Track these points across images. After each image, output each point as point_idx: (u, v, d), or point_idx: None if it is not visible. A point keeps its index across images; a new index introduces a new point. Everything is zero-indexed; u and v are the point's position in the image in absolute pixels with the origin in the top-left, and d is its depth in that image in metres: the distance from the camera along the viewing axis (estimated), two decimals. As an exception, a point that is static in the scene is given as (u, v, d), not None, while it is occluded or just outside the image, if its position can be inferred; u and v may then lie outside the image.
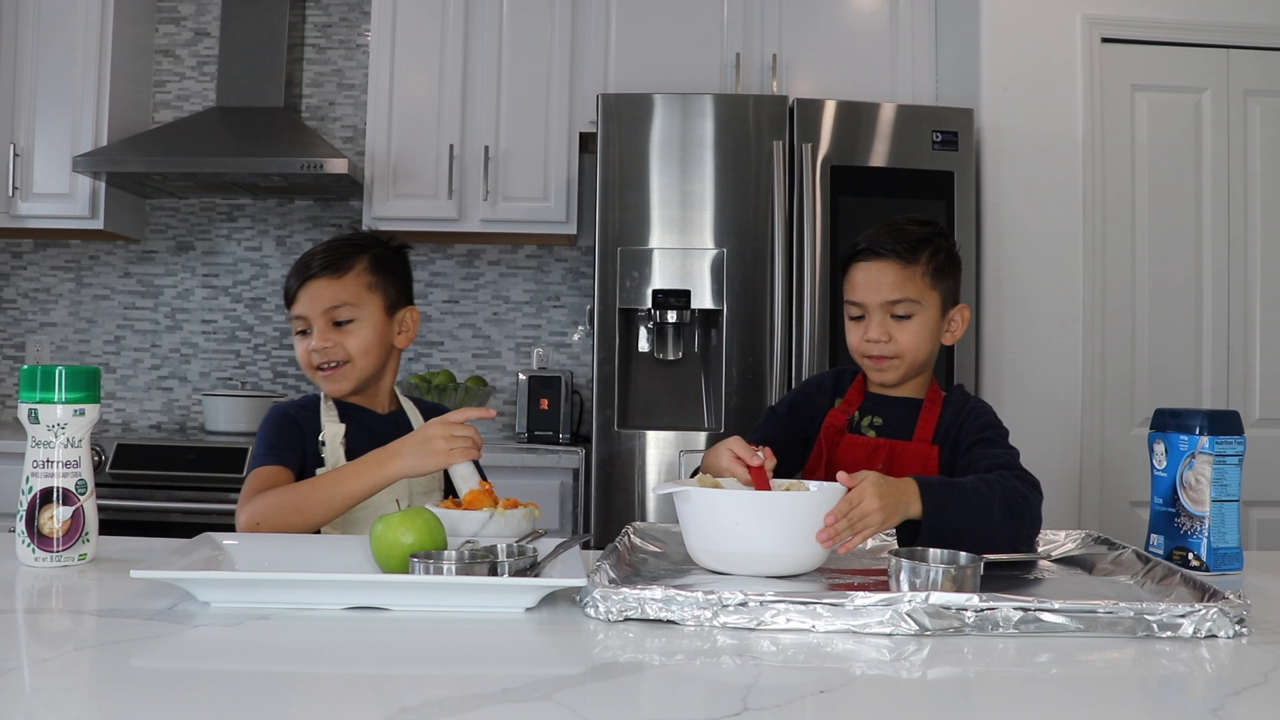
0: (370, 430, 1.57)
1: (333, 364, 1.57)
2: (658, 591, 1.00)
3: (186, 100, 3.59)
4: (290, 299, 1.59)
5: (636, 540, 1.38)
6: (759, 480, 1.30)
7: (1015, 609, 1.00)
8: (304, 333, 1.58)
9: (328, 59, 3.60)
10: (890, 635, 0.98)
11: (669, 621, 1.00)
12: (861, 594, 1.00)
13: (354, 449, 1.52)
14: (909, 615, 0.99)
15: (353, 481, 1.41)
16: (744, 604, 0.99)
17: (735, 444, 1.34)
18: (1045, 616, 1.00)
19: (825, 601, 0.99)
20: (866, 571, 1.28)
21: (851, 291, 1.57)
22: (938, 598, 1.00)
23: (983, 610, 1.00)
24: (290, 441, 1.54)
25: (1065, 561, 1.39)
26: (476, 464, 1.47)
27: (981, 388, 2.86)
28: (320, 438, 1.55)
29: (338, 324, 1.57)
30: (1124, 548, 1.36)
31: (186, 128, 3.28)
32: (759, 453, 1.30)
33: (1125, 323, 2.94)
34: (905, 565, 1.11)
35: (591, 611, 1.02)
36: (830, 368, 2.73)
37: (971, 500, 1.28)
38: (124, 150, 3.14)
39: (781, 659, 0.92)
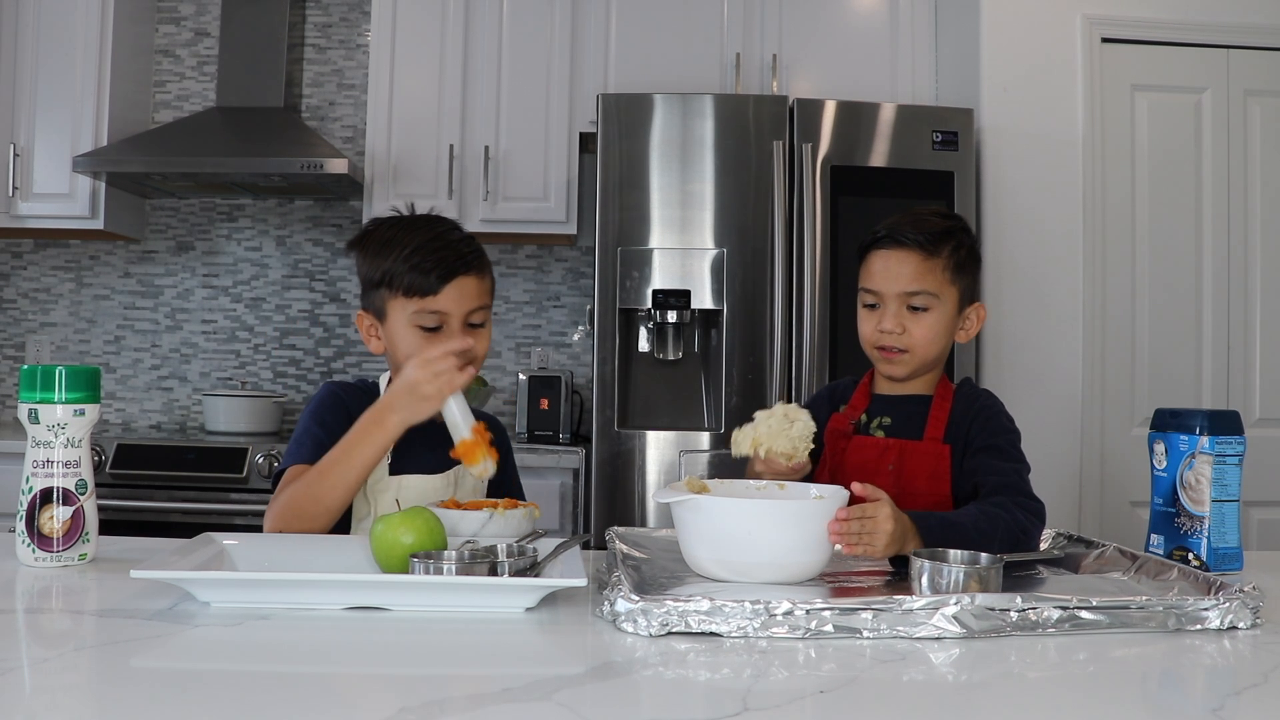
0: (420, 430, 1.46)
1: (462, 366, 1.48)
2: (703, 604, 0.98)
3: (186, 100, 3.59)
4: (425, 292, 1.45)
5: (624, 548, 1.36)
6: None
7: (1056, 608, 1.01)
8: (429, 329, 1.46)
9: (328, 59, 3.60)
10: (939, 639, 0.98)
11: (713, 634, 0.97)
12: (909, 597, 1.00)
13: (402, 449, 1.45)
14: (955, 618, 0.99)
15: (359, 452, 1.35)
16: (790, 612, 0.98)
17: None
18: (1084, 614, 1.01)
19: (874, 606, 0.99)
20: (867, 573, 1.28)
21: (868, 279, 1.53)
22: (984, 599, 1.00)
23: (1024, 610, 1.00)
24: (335, 436, 1.44)
25: (1048, 561, 1.39)
26: (506, 439, 1.43)
27: (982, 387, 2.85)
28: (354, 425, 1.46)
29: (470, 325, 1.48)
30: (1104, 545, 1.37)
31: (186, 128, 3.28)
32: None
33: (1125, 323, 2.94)
34: (928, 565, 1.12)
35: (629, 627, 0.98)
36: (830, 367, 2.74)
37: (971, 539, 1.26)
38: (124, 150, 3.15)
39: (782, 658, 0.92)
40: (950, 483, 1.48)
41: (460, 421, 1.36)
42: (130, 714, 0.76)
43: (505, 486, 1.61)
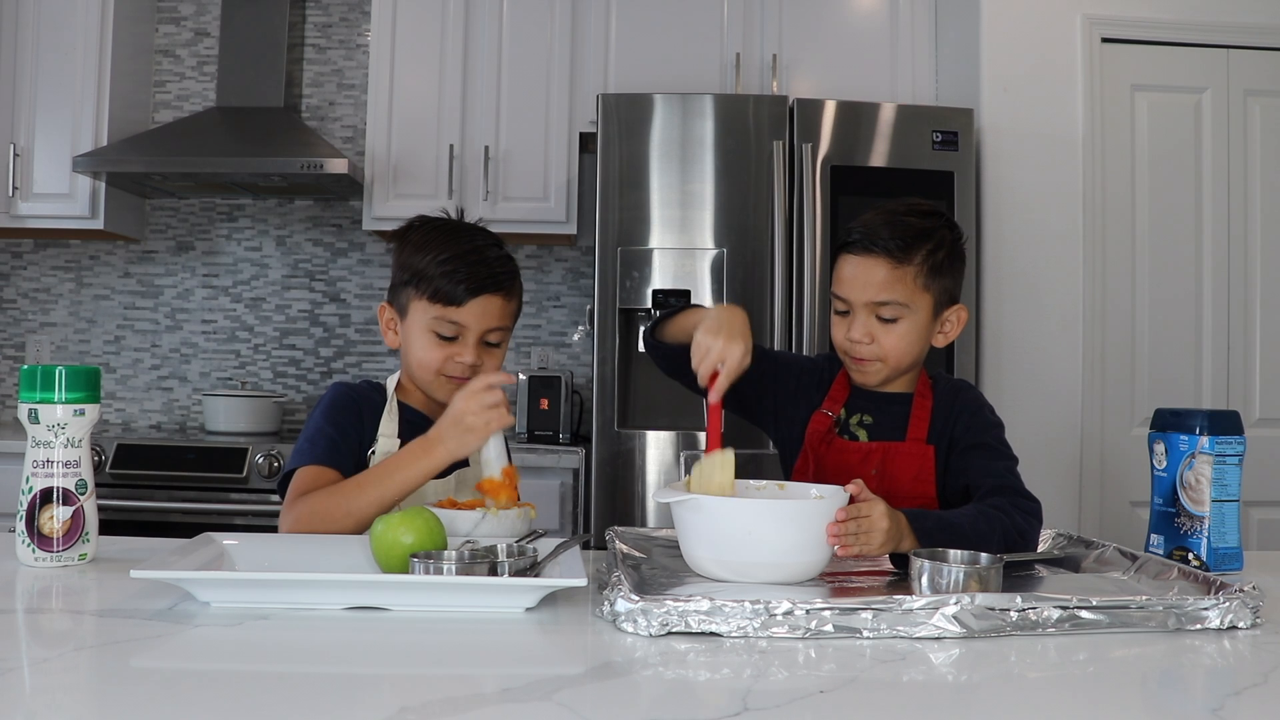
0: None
1: (468, 378, 1.46)
2: (703, 604, 0.97)
3: (186, 100, 3.60)
4: (449, 301, 1.45)
5: (624, 548, 1.37)
6: (713, 418, 1.31)
7: (1056, 608, 1.01)
8: (444, 337, 1.47)
9: (328, 59, 3.60)
10: (939, 639, 0.98)
11: (713, 634, 0.97)
12: (909, 597, 1.00)
13: None
14: (955, 618, 0.99)
15: (401, 474, 1.34)
16: (790, 612, 0.98)
17: (728, 365, 1.32)
18: (1084, 614, 1.01)
19: (874, 606, 0.99)
20: (867, 573, 1.28)
21: (838, 285, 1.48)
22: (984, 599, 1.00)
23: (1024, 610, 1.00)
24: (348, 437, 1.45)
25: (1048, 561, 1.39)
26: (507, 442, 1.45)
27: (981, 388, 2.85)
28: (372, 449, 1.47)
29: (486, 343, 1.49)
30: (1104, 545, 1.37)
31: (186, 128, 3.28)
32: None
33: (1125, 323, 2.94)
34: (928, 565, 1.12)
35: (629, 627, 0.98)
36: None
37: (969, 540, 1.25)
38: (124, 150, 3.14)
39: (782, 658, 0.92)
40: (935, 483, 1.46)
41: (494, 460, 1.37)
42: (130, 714, 0.76)
43: None
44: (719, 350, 1.32)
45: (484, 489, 1.34)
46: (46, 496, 1.24)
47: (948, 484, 1.47)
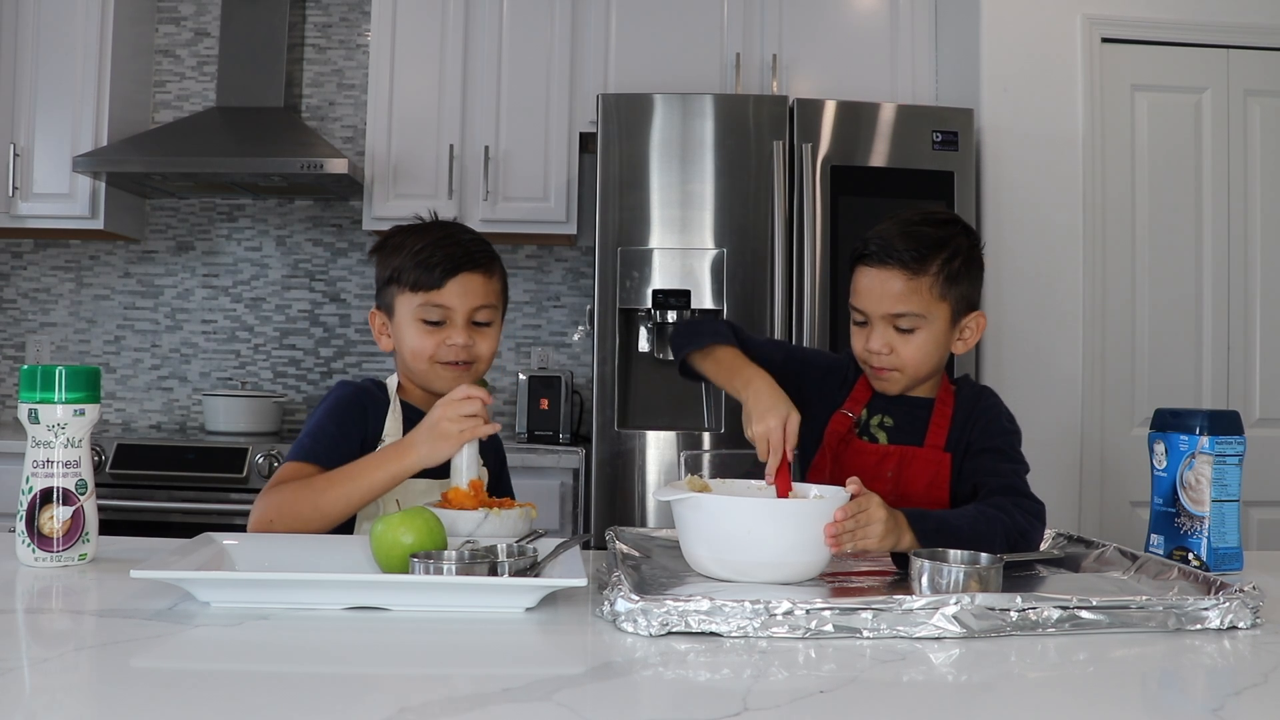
0: None
1: (463, 362, 1.50)
2: (703, 604, 0.97)
3: (186, 100, 3.59)
4: (430, 286, 1.47)
5: (624, 548, 1.37)
6: (782, 485, 1.32)
7: (1056, 608, 1.01)
8: (432, 323, 1.49)
9: (328, 59, 3.60)
10: (939, 639, 0.98)
11: (713, 634, 0.97)
12: (909, 597, 1.00)
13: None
14: (955, 618, 0.99)
15: (371, 475, 1.35)
16: (790, 612, 0.98)
17: (790, 432, 1.33)
18: (1084, 614, 1.01)
19: (874, 606, 0.99)
20: (867, 573, 1.28)
21: (855, 297, 1.49)
22: (984, 599, 1.00)
23: (1024, 610, 1.00)
24: (349, 436, 1.46)
25: (1048, 561, 1.39)
26: (500, 443, 1.43)
27: (981, 388, 2.86)
28: (380, 448, 1.47)
29: (475, 324, 1.51)
30: (1104, 545, 1.37)
31: (186, 128, 3.28)
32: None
33: (1125, 323, 2.94)
34: (928, 565, 1.12)
35: (629, 627, 0.98)
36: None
37: (970, 544, 1.23)
38: (124, 150, 3.14)
39: (782, 658, 0.92)
40: (949, 490, 1.47)
41: (464, 470, 1.37)
42: (130, 714, 0.76)
43: (497, 493, 1.61)
44: (778, 436, 1.33)
45: (448, 499, 1.34)
46: (46, 496, 1.24)
47: (960, 487, 1.47)
